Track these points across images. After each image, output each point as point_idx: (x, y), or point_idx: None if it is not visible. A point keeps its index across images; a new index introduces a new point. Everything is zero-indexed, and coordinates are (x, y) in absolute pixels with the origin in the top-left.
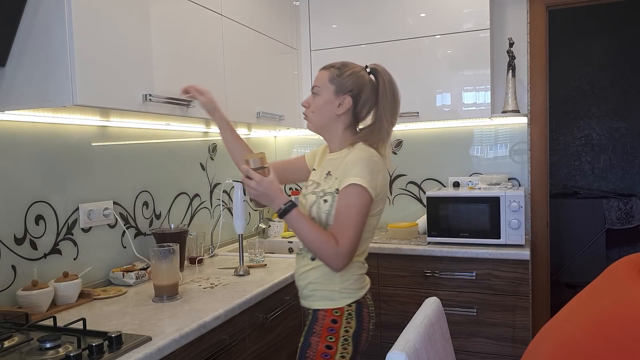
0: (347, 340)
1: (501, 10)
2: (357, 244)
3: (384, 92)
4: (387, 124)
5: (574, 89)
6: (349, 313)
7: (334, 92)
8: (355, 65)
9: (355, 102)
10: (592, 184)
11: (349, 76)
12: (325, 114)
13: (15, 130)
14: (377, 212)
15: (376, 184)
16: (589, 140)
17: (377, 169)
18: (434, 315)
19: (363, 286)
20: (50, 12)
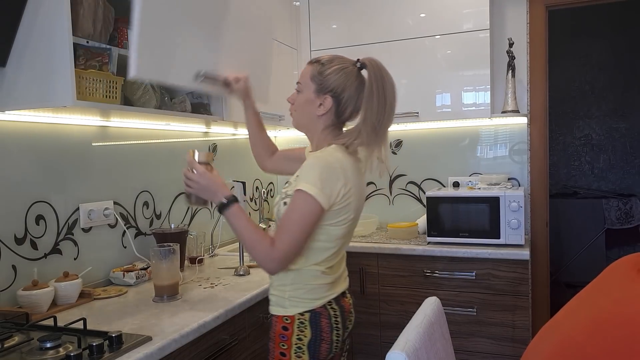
0: (300, 349)
1: (501, 10)
2: (296, 251)
3: (370, 90)
4: (374, 126)
5: (574, 89)
6: (301, 322)
7: (315, 91)
8: (343, 60)
9: (336, 103)
10: (592, 184)
11: (332, 74)
12: (306, 114)
13: (15, 130)
14: (343, 222)
15: (331, 192)
16: (589, 140)
17: (334, 177)
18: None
19: (322, 296)
20: (50, 12)
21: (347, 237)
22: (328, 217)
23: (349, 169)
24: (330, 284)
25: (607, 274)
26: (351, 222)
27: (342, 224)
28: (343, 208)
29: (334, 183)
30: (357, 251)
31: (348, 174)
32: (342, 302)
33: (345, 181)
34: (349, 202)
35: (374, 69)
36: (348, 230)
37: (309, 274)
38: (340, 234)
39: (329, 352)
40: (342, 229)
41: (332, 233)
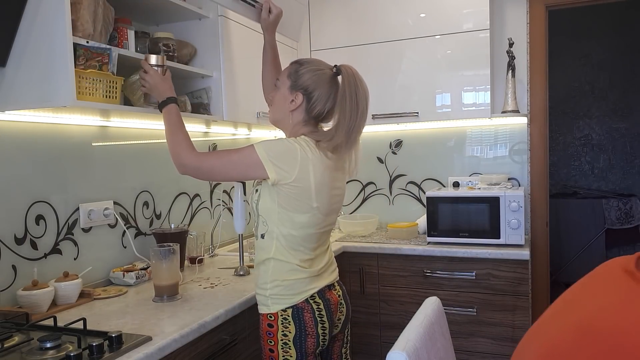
0: (287, 344)
1: (501, 10)
2: (209, 172)
3: (342, 95)
4: (347, 129)
5: (574, 89)
6: (284, 318)
7: (289, 88)
8: (320, 64)
9: (307, 100)
10: (592, 184)
11: (305, 73)
12: (280, 109)
13: (15, 130)
14: (304, 209)
15: (280, 167)
16: (589, 140)
17: (290, 157)
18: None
19: (302, 291)
20: (50, 12)
21: (316, 227)
22: (284, 198)
23: (311, 158)
24: (310, 279)
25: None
26: (316, 212)
27: (303, 212)
28: (298, 192)
29: (286, 161)
30: (357, 251)
31: (307, 162)
32: (328, 295)
33: (300, 167)
34: (306, 189)
35: (348, 76)
36: (315, 220)
37: (286, 269)
38: (304, 222)
39: (317, 345)
40: (306, 217)
41: (295, 220)
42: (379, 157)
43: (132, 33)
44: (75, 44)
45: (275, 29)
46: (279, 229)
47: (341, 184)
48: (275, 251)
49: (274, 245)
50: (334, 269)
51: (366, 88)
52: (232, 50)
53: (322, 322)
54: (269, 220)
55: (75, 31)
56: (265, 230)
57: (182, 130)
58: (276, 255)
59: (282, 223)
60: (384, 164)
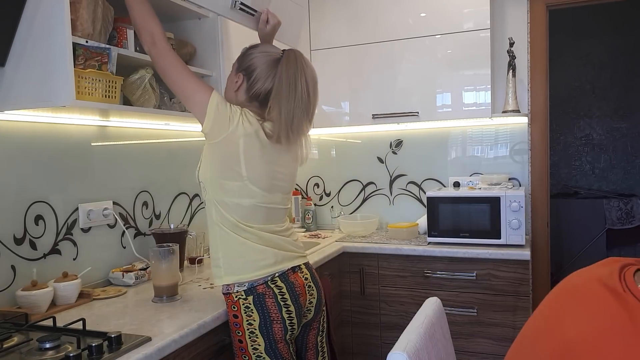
0: (253, 333)
1: (501, 9)
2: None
3: (280, 77)
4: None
5: (575, 88)
6: (247, 306)
7: (236, 70)
8: (270, 48)
9: (247, 79)
10: (593, 184)
11: (251, 55)
12: (228, 89)
13: (14, 130)
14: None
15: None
16: (590, 140)
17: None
18: (434, 316)
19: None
20: (49, 11)
21: (251, 199)
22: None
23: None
24: (264, 254)
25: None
26: (247, 183)
27: (231, 179)
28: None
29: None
30: (357, 251)
31: (240, 129)
32: (292, 277)
33: (232, 131)
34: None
35: (288, 59)
36: (246, 191)
37: (233, 239)
38: (234, 190)
39: (285, 331)
40: (235, 185)
41: (225, 187)
42: (379, 157)
43: (132, 33)
44: (74, 44)
45: (272, 40)
46: (214, 194)
47: (288, 163)
48: (215, 216)
49: (213, 211)
50: (299, 250)
51: (311, 73)
52: (232, 49)
53: (286, 305)
54: (206, 186)
55: (74, 31)
56: (205, 196)
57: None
58: (217, 221)
59: (215, 189)
60: (384, 164)
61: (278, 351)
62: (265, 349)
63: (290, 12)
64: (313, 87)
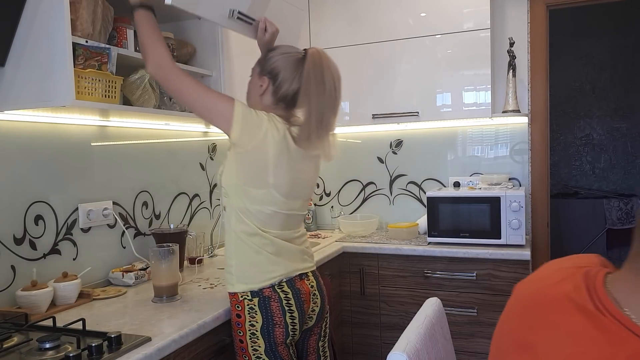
0: (254, 334)
1: (502, 9)
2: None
3: (307, 75)
4: (318, 113)
5: (575, 88)
6: (251, 307)
7: (258, 74)
8: (290, 49)
9: (272, 82)
10: (593, 184)
11: (272, 57)
12: (251, 94)
13: (14, 130)
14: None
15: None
16: (590, 140)
17: (255, 118)
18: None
19: (265, 271)
20: (49, 11)
21: (273, 206)
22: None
23: (274, 134)
24: (274, 263)
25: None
26: (272, 190)
27: (258, 186)
28: (255, 164)
29: (251, 128)
30: (357, 251)
31: (269, 136)
32: (299, 284)
33: (262, 138)
34: (263, 162)
35: (312, 57)
36: (270, 198)
37: (247, 244)
38: (259, 197)
39: (286, 335)
40: (260, 192)
41: (249, 194)
42: (379, 157)
43: (132, 32)
44: (74, 44)
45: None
46: (237, 202)
47: (310, 170)
48: (234, 224)
49: (233, 217)
50: (309, 259)
51: (335, 70)
52: (232, 49)
53: (290, 311)
54: (229, 192)
55: (74, 31)
56: (226, 202)
57: (160, 37)
58: (235, 228)
59: (239, 196)
60: (384, 163)
61: (278, 353)
62: (266, 351)
63: (288, 16)
64: (338, 83)
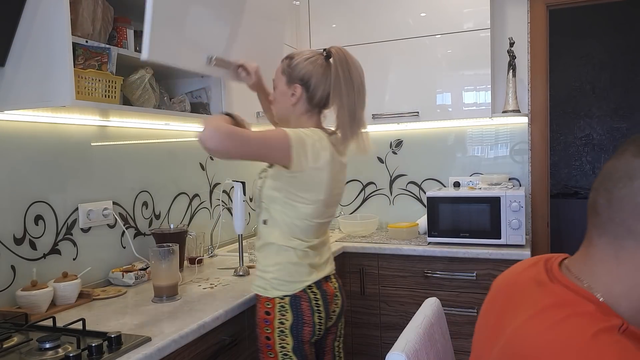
0: (283, 332)
1: (502, 9)
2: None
3: (336, 74)
4: (350, 109)
5: (575, 88)
6: (282, 306)
7: (286, 83)
8: (310, 52)
9: (306, 89)
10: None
11: (298, 64)
12: (282, 105)
13: (14, 130)
14: (310, 200)
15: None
16: (590, 140)
17: (305, 139)
18: (433, 316)
19: (302, 280)
20: (49, 11)
21: (318, 218)
22: (293, 188)
23: (323, 149)
24: (310, 269)
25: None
26: (320, 205)
27: (309, 203)
28: (309, 184)
29: (305, 151)
30: (357, 251)
31: (321, 153)
32: (325, 286)
33: (315, 157)
34: (320, 179)
35: (338, 55)
36: (318, 212)
37: (287, 256)
38: (309, 212)
39: (312, 334)
40: (310, 208)
41: (300, 210)
42: (379, 157)
43: (132, 32)
44: (74, 44)
45: (262, 83)
46: (282, 217)
47: (343, 176)
48: (276, 237)
49: (276, 232)
50: (332, 261)
51: (358, 64)
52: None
53: (318, 311)
54: (272, 208)
55: (74, 31)
56: (267, 216)
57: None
58: (277, 241)
59: (286, 212)
60: (384, 163)
61: (304, 351)
62: (293, 348)
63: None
64: (364, 78)
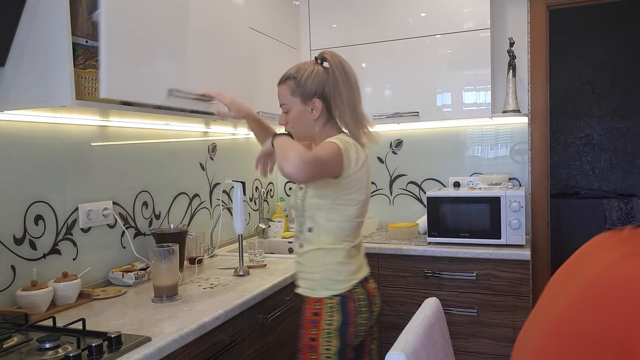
0: (330, 334)
1: (502, 9)
2: (321, 166)
3: (334, 77)
4: (351, 108)
5: (575, 88)
6: (330, 306)
7: (302, 102)
8: (306, 65)
9: (324, 100)
10: (593, 184)
11: (307, 80)
12: (305, 124)
13: (14, 130)
14: (354, 201)
15: (348, 154)
16: (590, 140)
17: (350, 149)
18: (433, 316)
19: (348, 279)
20: (49, 11)
21: (360, 217)
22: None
23: (359, 150)
24: (354, 268)
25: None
26: (362, 205)
27: (353, 204)
28: (355, 182)
29: (349, 157)
30: None
31: (359, 158)
32: (367, 286)
33: (357, 160)
34: (361, 180)
35: (332, 59)
36: (360, 211)
37: (336, 255)
38: (352, 214)
39: (356, 336)
40: (355, 209)
41: (345, 213)
42: (379, 157)
43: None
44: (74, 44)
45: (246, 111)
46: (327, 223)
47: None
48: (323, 242)
49: (322, 237)
50: (367, 262)
51: (349, 64)
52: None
53: (362, 312)
54: (317, 215)
55: (74, 30)
56: (312, 224)
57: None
58: (324, 245)
59: (331, 217)
60: (384, 163)
61: (346, 355)
62: (337, 351)
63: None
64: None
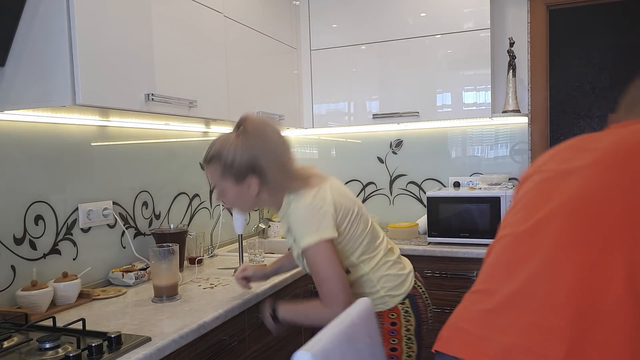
0: (410, 339)
1: (502, 9)
2: (342, 287)
3: (262, 143)
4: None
5: (575, 88)
6: (405, 311)
7: (236, 184)
8: (228, 138)
9: (260, 174)
10: None
11: (234, 158)
12: (246, 201)
13: (14, 130)
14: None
15: (328, 222)
16: None
17: (319, 210)
18: (358, 316)
19: (406, 278)
20: (50, 11)
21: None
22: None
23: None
24: (401, 267)
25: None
26: (360, 217)
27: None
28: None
29: (323, 214)
30: None
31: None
32: (417, 277)
33: (333, 209)
34: (348, 205)
35: (252, 123)
36: (363, 221)
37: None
38: (363, 227)
39: (427, 332)
40: (360, 227)
41: (358, 238)
42: (379, 157)
43: None
44: None
45: (264, 273)
46: (353, 256)
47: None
48: (364, 270)
49: (359, 268)
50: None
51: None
52: (233, 49)
53: (428, 305)
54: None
55: None
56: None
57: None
58: (366, 271)
59: (351, 251)
60: (384, 164)
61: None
62: (417, 356)
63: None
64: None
